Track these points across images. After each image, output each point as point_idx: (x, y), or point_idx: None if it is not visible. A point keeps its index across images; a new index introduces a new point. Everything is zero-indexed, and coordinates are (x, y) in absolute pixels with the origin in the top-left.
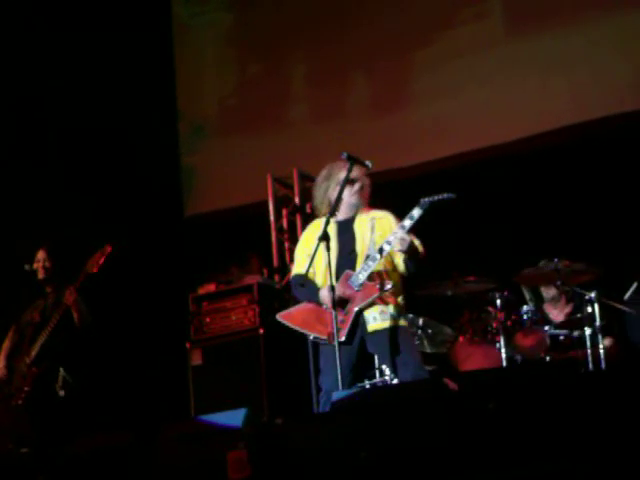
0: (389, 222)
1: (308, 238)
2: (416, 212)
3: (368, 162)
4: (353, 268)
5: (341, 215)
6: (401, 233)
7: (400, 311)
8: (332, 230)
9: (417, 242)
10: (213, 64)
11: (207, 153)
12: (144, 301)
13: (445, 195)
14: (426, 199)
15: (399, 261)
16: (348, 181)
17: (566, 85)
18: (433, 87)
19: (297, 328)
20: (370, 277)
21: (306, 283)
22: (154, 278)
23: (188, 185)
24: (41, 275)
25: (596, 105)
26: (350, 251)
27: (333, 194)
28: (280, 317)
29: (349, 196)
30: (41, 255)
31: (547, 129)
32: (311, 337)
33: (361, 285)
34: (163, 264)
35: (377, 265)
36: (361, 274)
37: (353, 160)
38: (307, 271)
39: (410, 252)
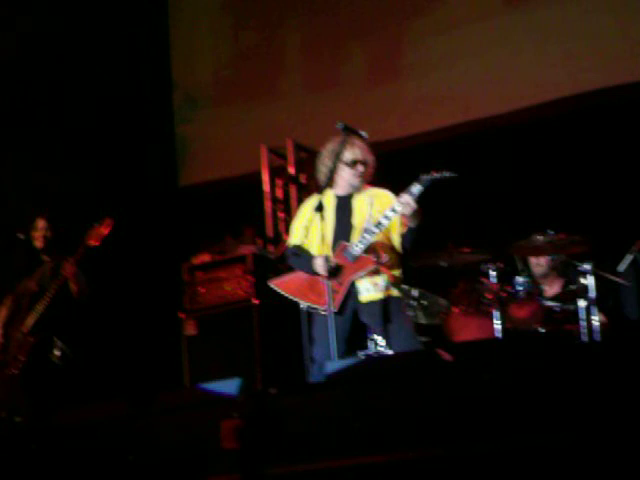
0: (388, 199)
1: (305, 211)
2: (415, 188)
3: (363, 133)
4: (348, 241)
5: (340, 190)
6: (406, 197)
7: (394, 283)
8: (330, 203)
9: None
10: (208, 33)
11: (202, 123)
12: (138, 271)
13: (446, 173)
14: (427, 176)
15: (395, 237)
16: (351, 163)
17: (562, 56)
18: (429, 57)
19: (290, 296)
20: (366, 250)
21: (301, 253)
22: (148, 248)
23: (182, 155)
24: (40, 244)
25: (592, 77)
26: (347, 224)
27: (337, 170)
28: (273, 284)
29: (351, 177)
30: (41, 224)
31: (543, 100)
32: (304, 306)
33: (356, 257)
34: (157, 234)
35: (374, 239)
36: (357, 246)
37: (349, 130)
38: (298, 239)
39: (414, 218)
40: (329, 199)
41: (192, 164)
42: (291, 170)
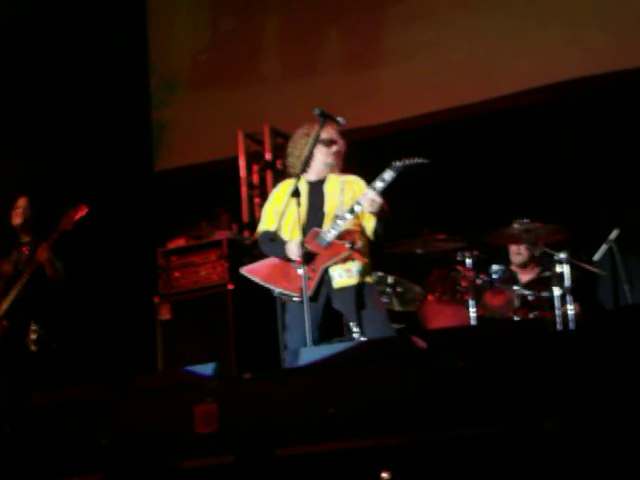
0: (359, 185)
1: (278, 196)
2: (388, 175)
3: (340, 118)
4: (320, 227)
5: (312, 175)
6: (372, 194)
7: (366, 269)
8: (303, 189)
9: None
10: (186, 17)
11: (178, 108)
12: (113, 255)
13: (419, 160)
14: (399, 163)
15: (367, 224)
16: (326, 142)
17: (542, 44)
18: (408, 44)
19: (262, 282)
20: (339, 236)
21: (274, 238)
22: (123, 232)
23: (158, 140)
24: (18, 220)
25: (570, 66)
26: (318, 210)
27: (314, 152)
28: (245, 271)
29: (325, 156)
30: (22, 202)
31: (522, 88)
32: (276, 292)
33: (329, 243)
34: (133, 218)
35: (346, 225)
36: (330, 232)
37: (325, 116)
38: (272, 224)
39: (380, 214)
40: (302, 185)
41: (168, 148)
42: (267, 155)
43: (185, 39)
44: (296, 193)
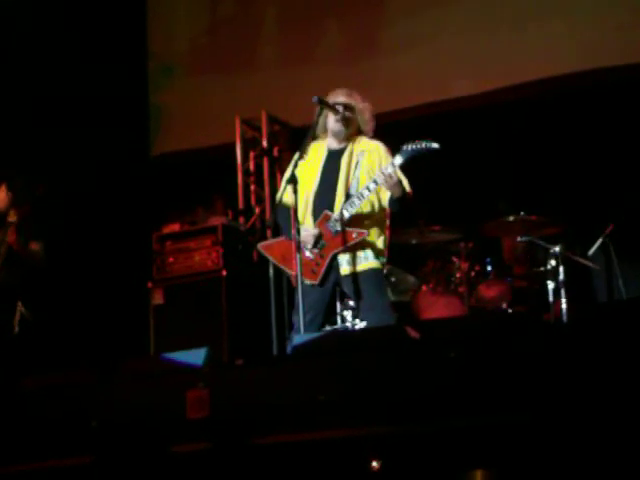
0: (379, 154)
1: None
2: (397, 160)
3: (339, 107)
4: (331, 204)
5: (333, 143)
6: (389, 170)
7: (377, 254)
8: (321, 156)
9: (405, 181)
10: (185, 2)
11: (176, 93)
12: (108, 239)
13: (431, 144)
14: (409, 147)
15: (385, 197)
16: (334, 108)
17: (540, 37)
18: (405, 35)
19: (275, 262)
20: (350, 221)
21: (283, 210)
22: (119, 216)
23: (156, 124)
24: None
25: (571, 59)
26: (331, 183)
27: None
28: (260, 247)
29: (333, 123)
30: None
31: (520, 81)
32: (288, 273)
33: (338, 231)
34: (128, 202)
35: (356, 210)
36: (340, 217)
37: (324, 104)
38: (281, 197)
39: (397, 191)
40: (319, 151)
41: (165, 133)
42: (264, 142)
43: (184, 24)
44: (292, 180)
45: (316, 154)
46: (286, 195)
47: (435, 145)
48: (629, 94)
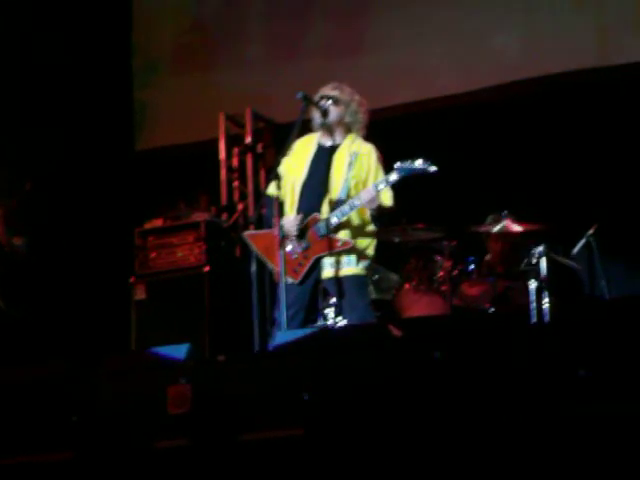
0: (369, 160)
1: (295, 151)
2: (392, 178)
3: (323, 103)
4: (318, 203)
5: (324, 139)
6: (370, 194)
7: (360, 260)
8: (309, 150)
9: (389, 195)
10: None
11: (160, 88)
12: (91, 233)
13: (428, 167)
14: (405, 166)
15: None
16: (318, 99)
17: (527, 36)
18: (392, 32)
19: (258, 252)
20: (335, 229)
21: (271, 201)
22: (101, 211)
23: (140, 120)
24: None
25: (553, 59)
26: (319, 181)
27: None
28: (246, 235)
29: (316, 115)
30: None
31: (506, 81)
32: (269, 266)
33: (324, 235)
34: (111, 197)
35: (343, 219)
36: (327, 223)
37: (308, 100)
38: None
39: (377, 212)
40: (308, 144)
41: (149, 129)
42: (248, 139)
43: (169, 20)
44: (276, 177)
45: (305, 147)
46: (270, 185)
47: (433, 168)
48: (615, 95)
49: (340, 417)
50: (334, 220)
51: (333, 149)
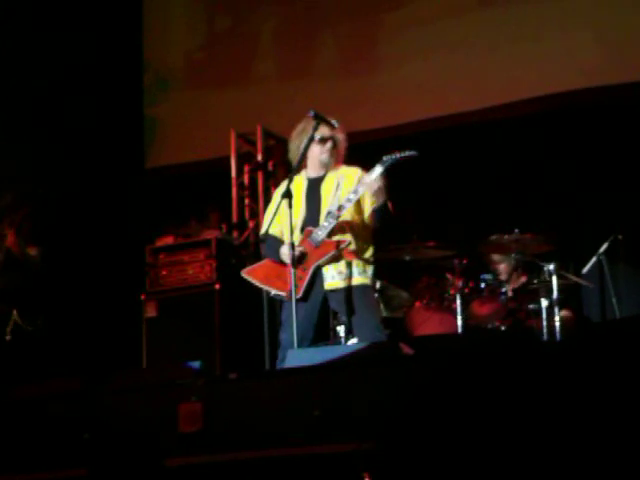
0: (357, 175)
1: (276, 198)
2: (377, 170)
3: (334, 121)
4: (317, 226)
5: (312, 172)
6: (369, 178)
7: (362, 270)
8: (302, 187)
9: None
10: (182, 15)
11: (171, 105)
12: (101, 251)
13: (407, 153)
14: (388, 157)
15: (367, 210)
16: (321, 139)
17: (536, 55)
18: (402, 51)
19: (259, 284)
20: (330, 234)
21: (268, 240)
22: (113, 228)
23: (150, 137)
24: None
25: (564, 78)
26: (316, 209)
27: (308, 149)
28: (244, 273)
29: (320, 154)
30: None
31: (514, 99)
32: (272, 293)
33: (319, 242)
34: (122, 214)
35: (347, 217)
36: (321, 231)
37: (319, 118)
38: (268, 228)
39: (380, 197)
40: (300, 183)
41: (160, 146)
42: (259, 157)
43: (180, 37)
44: (287, 194)
45: (298, 186)
46: (273, 227)
47: (412, 152)
48: (626, 112)
49: (351, 435)
50: (322, 232)
51: (321, 179)
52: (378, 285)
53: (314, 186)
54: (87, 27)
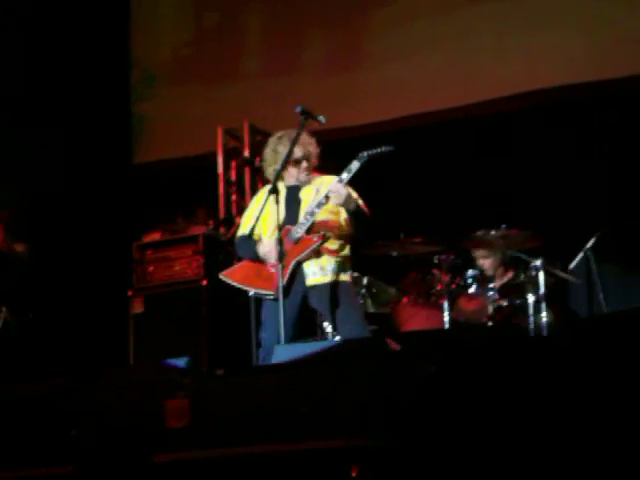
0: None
1: (257, 201)
2: (354, 165)
3: (321, 117)
4: None
5: (291, 181)
6: (336, 186)
7: (342, 266)
8: (282, 193)
9: (355, 195)
10: (170, 12)
11: (159, 101)
12: (89, 246)
13: (383, 148)
14: (364, 152)
15: (344, 214)
16: (295, 162)
17: (522, 51)
18: (389, 47)
19: (238, 285)
20: (308, 230)
21: (243, 241)
22: (100, 224)
23: (138, 132)
24: None
25: (551, 74)
26: (295, 214)
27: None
28: (222, 275)
29: (297, 175)
30: None
31: (501, 95)
32: (251, 293)
33: (298, 239)
34: (109, 210)
35: (315, 218)
36: (299, 228)
37: (307, 114)
38: (251, 231)
39: (347, 205)
40: (280, 189)
41: (147, 142)
42: (246, 152)
43: (168, 34)
44: (274, 190)
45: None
46: (243, 228)
47: (389, 147)
48: (613, 108)
49: (338, 431)
50: (301, 229)
51: (299, 187)
52: (365, 281)
53: (293, 194)
54: (74, 23)
